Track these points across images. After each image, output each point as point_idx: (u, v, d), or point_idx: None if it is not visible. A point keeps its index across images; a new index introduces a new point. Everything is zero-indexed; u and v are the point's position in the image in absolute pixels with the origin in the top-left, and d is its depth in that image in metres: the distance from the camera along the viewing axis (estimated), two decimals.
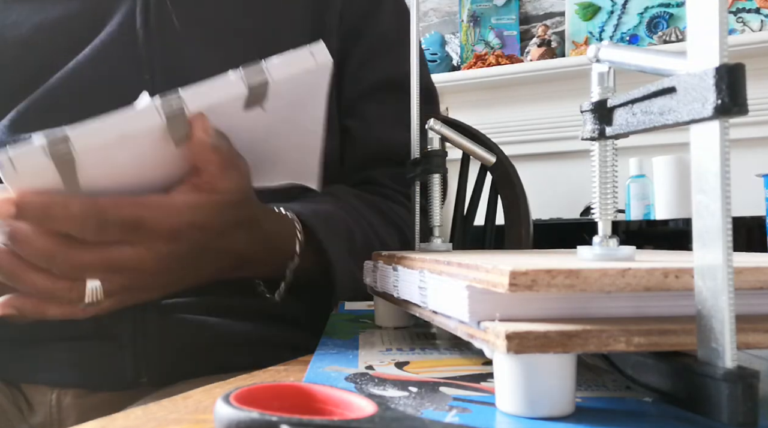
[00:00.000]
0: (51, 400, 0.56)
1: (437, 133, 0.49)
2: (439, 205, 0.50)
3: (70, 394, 0.56)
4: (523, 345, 0.23)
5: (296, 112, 0.47)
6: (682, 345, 0.24)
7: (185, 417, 0.26)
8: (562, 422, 0.24)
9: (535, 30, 2.24)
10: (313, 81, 0.45)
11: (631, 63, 0.27)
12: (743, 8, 1.96)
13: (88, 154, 0.37)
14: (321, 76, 0.45)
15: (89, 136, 0.37)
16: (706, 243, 0.22)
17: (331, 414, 0.22)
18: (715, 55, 0.22)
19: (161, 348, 0.55)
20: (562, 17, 2.22)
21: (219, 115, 0.41)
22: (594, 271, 0.24)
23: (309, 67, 0.43)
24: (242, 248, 0.47)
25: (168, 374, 0.55)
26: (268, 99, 0.42)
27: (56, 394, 0.56)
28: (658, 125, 0.25)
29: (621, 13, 2.12)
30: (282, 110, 0.44)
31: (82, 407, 0.56)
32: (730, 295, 0.22)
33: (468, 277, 0.27)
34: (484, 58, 2.19)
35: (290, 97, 0.44)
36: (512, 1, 2.28)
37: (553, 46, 2.16)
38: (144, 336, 0.54)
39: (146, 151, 0.40)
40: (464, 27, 2.33)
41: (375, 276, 0.45)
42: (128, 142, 0.38)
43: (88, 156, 0.37)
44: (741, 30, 1.96)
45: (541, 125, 2.14)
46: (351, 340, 0.42)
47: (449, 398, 0.27)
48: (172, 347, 0.55)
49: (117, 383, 0.55)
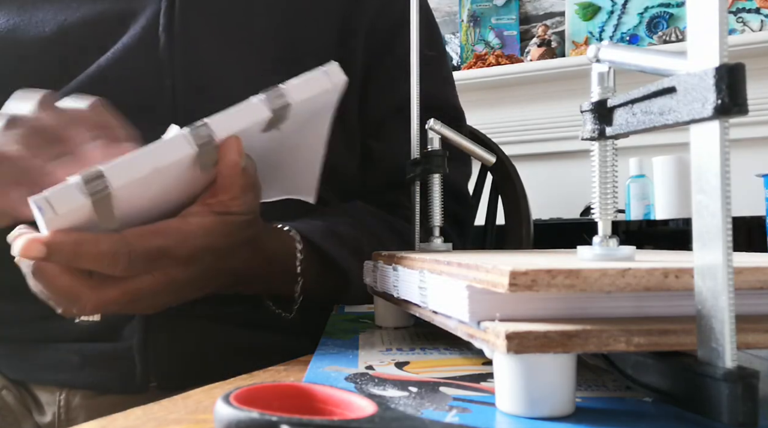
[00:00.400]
0: (59, 401, 0.56)
1: (437, 133, 0.49)
2: (440, 204, 0.50)
3: (78, 395, 0.56)
4: (523, 345, 0.23)
5: (304, 130, 0.47)
6: (682, 345, 0.24)
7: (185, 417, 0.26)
8: (562, 422, 0.24)
9: (535, 30, 2.23)
10: (325, 100, 0.45)
11: (631, 63, 0.27)
12: (743, 8, 1.96)
13: (122, 189, 0.37)
14: (333, 95, 0.45)
15: (124, 171, 0.36)
16: (706, 243, 0.22)
17: (331, 414, 0.22)
18: (715, 55, 0.22)
19: (171, 354, 0.55)
20: (562, 17, 2.21)
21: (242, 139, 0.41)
22: (594, 271, 0.24)
23: (326, 88, 0.43)
24: (242, 266, 0.47)
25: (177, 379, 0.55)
26: (286, 121, 0.42)
27: (65, 395, 0.56)
28: (658, 125, 0.25)
29: (621, 13, 2.12)
30: (294, 130, 0.45)
31: (90, 408, 0.56)
32: (730, 295, 0.22)
33: (468, 277, 0.27)
34: (484, 58, 2.19)
35: (303, 117, 0.44)
36: (512, 1, 2.28)
37: (553, 46, 2.16)
38: (154, 340, 0.54)
39: (173, 179, 0.40)
40: (464, 27, 2.33)
41: (375, 276, 0.45)
42: (159, 173, 0.38)
43: (123, 191, 0.37)
44: (741, 30, 1.96)
45: (541, 125, 2.14)
46: (351, 340, 0.42)
47: (449, 398, 0.27)
48: (182, 352, 0.55)
49: (126, 386, 0.55)
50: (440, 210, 0.50)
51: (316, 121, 0.47)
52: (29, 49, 0.60)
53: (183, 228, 0.41)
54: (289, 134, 0.45)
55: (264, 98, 0.41)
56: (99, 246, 0.37)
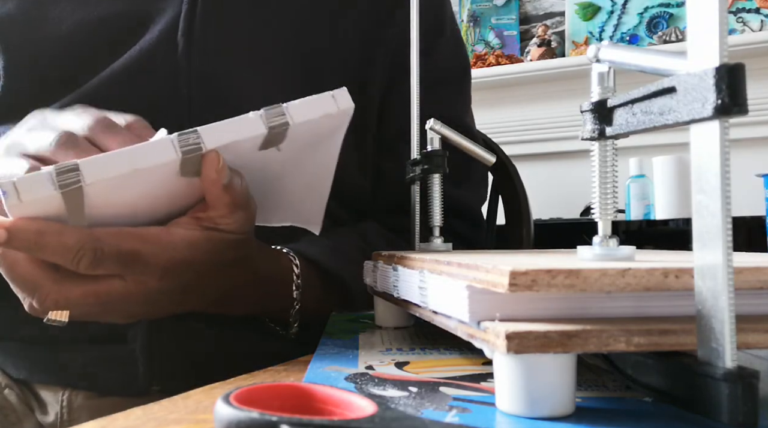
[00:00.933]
0: (62, 401, 0.56)
1: (437, 133, 0.49)
2: (440, 204, 0.50)
3: (81, 396, 0.56)
4: (523, 345, 0.23)
5: (309, 154, 0.45)
6: (682, 345, 0.24)
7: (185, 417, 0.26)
8: (562, 422, 0.24)
9: (535, 30, 2.24)
10: (331, 125, 0.44)
11: (631, 63, 0.27)
12: (743, 8, 1.96)
13: (96, 186, 0.35)
14: (340, 121, 0.44)
15: (100, 168, 0.35)
16: (706, 243, 0.22)
17: (331, 414, 0.22)
18: (715, 55, 0.22)
19: (175, 357, 0.54)
20: (562, 17, 2.21)
21: (234, 153, 0.40)
22: (594, 271, 0.24)
23: (330, 112, 0.42)
24: (229, 286, 0.45)
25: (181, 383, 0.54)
26: (285, 140, 0.41)
27: (67, 395, 0.56)
28: (658, 125, 0.25)
29: (621, 13, 2.12)
30: (296, 152, 0.43)
31: (92, 409, 0.56)
32: (730, 295, 0.22)
33: (468, 277, 0.27)
34: (484, 58, 2.19)
35: (306, 139, 0.43)
36: (512, 1, 2.28)
37: (553, 46, 2.16)
38: (158, 343, 0.54)
39: (155, 184, 0.38)
40: (464, 27, 2.33)
41: (375, 276, 0.45)
42: (140, 175, 0.36)
43: (96, 187, 0.36)
44: (741, 30, 1.96)
45: (541, 125, 2.14)
46: (351, 340, 0.42)
47: (449, 398, 0.27)
48: (185, 356, 0.54)
49: (128, 389, 0.54)
50: (440, 210, 0.50)
51: (322, 147, 0.46)
52: (44, 46, 0.59)
53: (163, 238, 0.39)
54: (291, 157, 0.43)
55: (262, 114, 0.40)
56: (63, 237, 0.36)
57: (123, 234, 0.38)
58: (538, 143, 2.14)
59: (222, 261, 0.43)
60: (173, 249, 0.40)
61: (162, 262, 0.39)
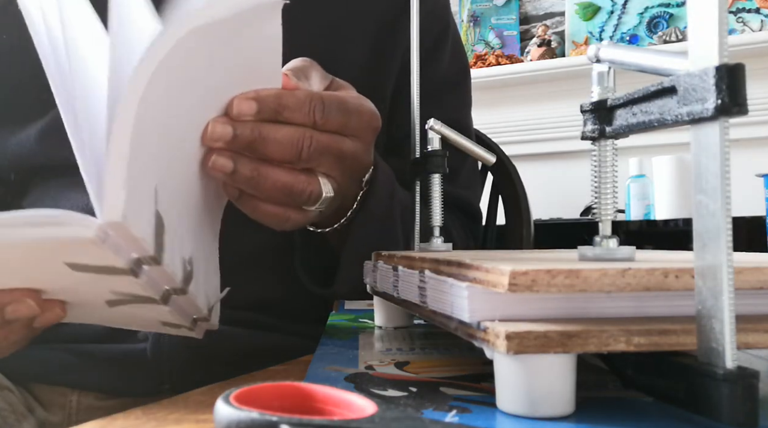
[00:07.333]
0: (71, 401, 0.56)
1: (437, 133, 0.49)
2: (440, 204, 0.50)
3: (91, 396, 0.56)
4: (523, 345, 0.23)
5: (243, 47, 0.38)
6: (682, 345, 0.24)
7: (185, 416, 0.26)
8: (562, 422, 0.24)
9: (535, 30, 2.24)
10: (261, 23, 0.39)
11: (631, 63, 0.27)
12: (743, 8, 1.96)
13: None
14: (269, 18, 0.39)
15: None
16: (706, 243, 0.22)
17: (331, 414, 0.22)
18: (715, 55, 0.22)
19: (184, 357, 0.54)
20: (562, 17, 2.21)
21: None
22: (594, 271, 0.24)
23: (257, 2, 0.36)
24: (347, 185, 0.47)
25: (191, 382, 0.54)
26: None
27: (77, 395, 0.56)
28: (658, 125, 0.25)
29: (621, 13, 2.12)
30: (225, 41, 0.35)
31: (102, 410, 0.56)
32: (730, 295, 0.22)
33: (468, 277, 0.27)
34: (484, 58, 2.19)
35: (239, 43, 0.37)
36: (512, 1, 2.28)
37: (553, 46, 2.16)
38: (168, 343, 0.54)
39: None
40: (464, 27, 2.33)
41: (375, 276, 0.45)
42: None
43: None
44: (741, 30, 1.96)
45: (541, 125, 2.14)
46: (351, 340, 0.42)
47: (449, 398, 0.27)
48: (195, 356, 0.55)
49: (138, 389, 0.54)
50: (440, 210, 0.50)
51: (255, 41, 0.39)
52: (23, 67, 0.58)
53: (353, 96, 0.44)
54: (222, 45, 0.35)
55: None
56: (296, 95, 0.40)
57: (330, 92, 0.42)
58: (538, 143, 2.14)
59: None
60: (369, 109, 0.45)
61: (366, 118, 0.44)
